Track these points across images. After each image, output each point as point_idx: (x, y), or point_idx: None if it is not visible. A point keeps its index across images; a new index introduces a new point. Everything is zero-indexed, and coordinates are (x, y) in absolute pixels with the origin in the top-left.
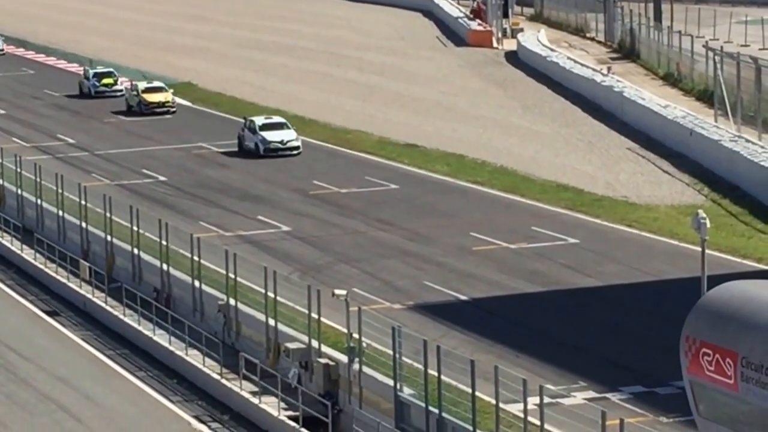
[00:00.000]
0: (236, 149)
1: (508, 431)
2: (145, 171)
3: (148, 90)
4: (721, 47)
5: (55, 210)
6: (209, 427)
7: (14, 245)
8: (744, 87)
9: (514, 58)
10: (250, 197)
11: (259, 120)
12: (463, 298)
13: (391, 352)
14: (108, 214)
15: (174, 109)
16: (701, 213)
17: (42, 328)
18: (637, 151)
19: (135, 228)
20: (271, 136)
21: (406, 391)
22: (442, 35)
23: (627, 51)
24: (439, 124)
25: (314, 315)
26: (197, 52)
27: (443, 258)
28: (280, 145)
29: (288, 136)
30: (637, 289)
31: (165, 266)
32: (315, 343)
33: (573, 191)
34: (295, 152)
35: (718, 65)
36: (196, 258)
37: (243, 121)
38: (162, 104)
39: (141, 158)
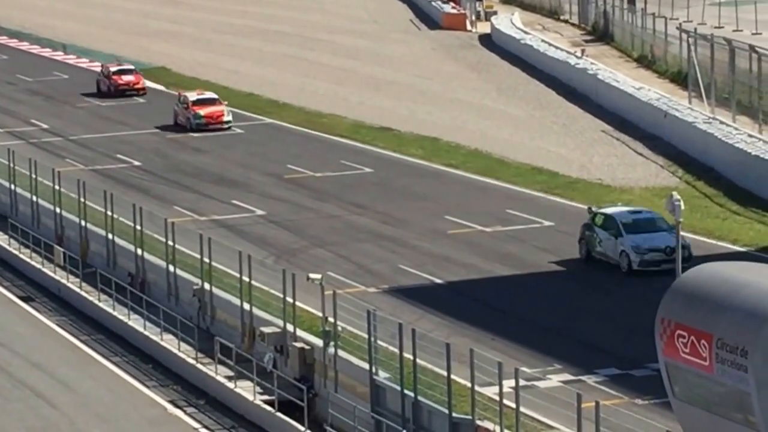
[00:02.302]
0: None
1: (483, 414)
2: (119, 156)
3: None
4: (695, 29)
5: (28, 195)
6: (185, 411)
7: None
8: (718, 69)
9: (488, 41)
10: (225, 181)
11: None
12: (438, 281)
13: (366, 336)
14: (82, 199)
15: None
16: (675, 195)
17: (17, 314)
18: (612, 133)
19: (109, 213)
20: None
21: (382, 375)
22: (416, 18)
23: (601, 33)
24: (413, 108)
25: (289, 299)
26: (171, 36)
27: (418, 241)
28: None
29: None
30: (612, 272)
31: (140, 251)
32: (290, 327)
33: (547, 174)
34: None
35: (692, 47)
36: (170, 243)
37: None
38: None
39: (115, 143)
